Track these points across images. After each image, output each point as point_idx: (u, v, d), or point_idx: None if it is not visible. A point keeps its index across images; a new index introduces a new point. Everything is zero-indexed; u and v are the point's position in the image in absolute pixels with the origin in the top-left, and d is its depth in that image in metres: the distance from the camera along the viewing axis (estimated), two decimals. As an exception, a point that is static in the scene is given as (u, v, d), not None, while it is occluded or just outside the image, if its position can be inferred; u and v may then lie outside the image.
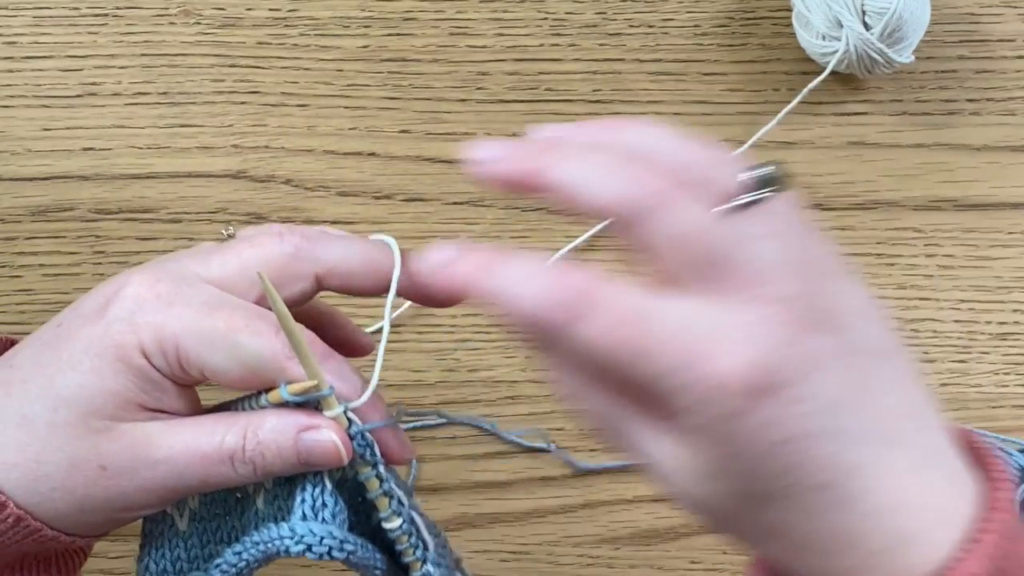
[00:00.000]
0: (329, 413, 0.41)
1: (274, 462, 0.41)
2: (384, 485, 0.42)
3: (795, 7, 0.68)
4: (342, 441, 0.41)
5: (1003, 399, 0.67)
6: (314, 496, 0.41)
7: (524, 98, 0.70)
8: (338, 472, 0.42)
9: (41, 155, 0.69)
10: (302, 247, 0.43)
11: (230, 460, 0.41)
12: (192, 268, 0.43)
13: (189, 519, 0.44)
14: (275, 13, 0.71)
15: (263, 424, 0.41)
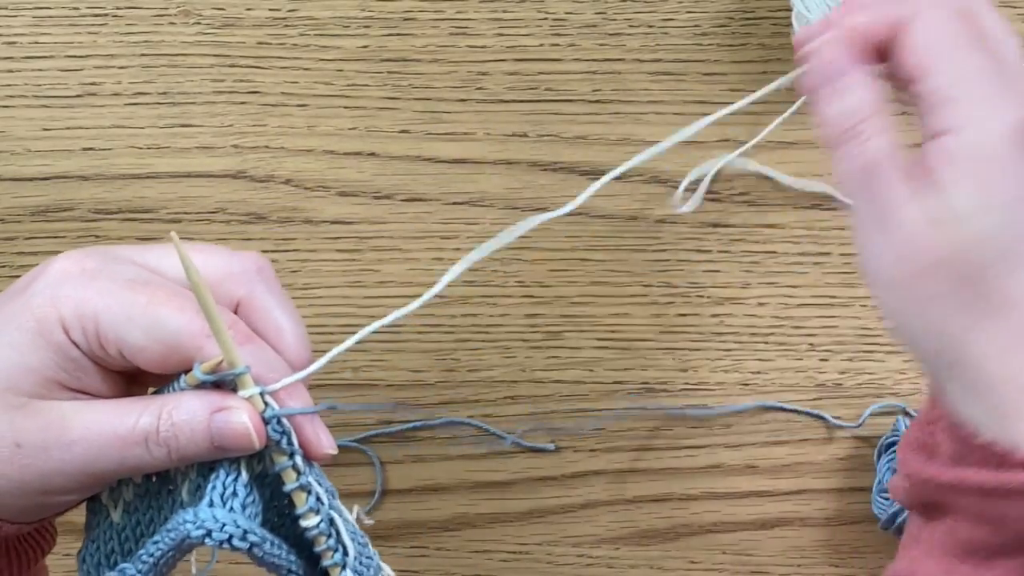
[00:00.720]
0: (243, 393, 0.40)
1: (188, 445, 0.40)
2: (301, 479, 0.40)
3: (795, 7, 0.68)
4: (254, 424, 0.40)
5: (1003, 399, 0.67)
6: (225, 484, 0.40)
7: (524, 98, 0.70)
8: (259, 465, 0.41)
9: (41, 155, 0.69)
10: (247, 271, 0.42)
11: (144, 441, 0.40)
12: (127, 252, 0.42)
13: (123, 511, 0.43)
14: (275, 13, 0.71)
15: (179, 406, 0.40)
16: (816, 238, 0.69)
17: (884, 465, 0.64)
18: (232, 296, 0.43)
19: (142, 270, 0.41)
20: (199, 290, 0.38)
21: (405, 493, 0.66)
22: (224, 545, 0.39)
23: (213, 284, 0.41)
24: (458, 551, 0.66)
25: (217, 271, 0.42)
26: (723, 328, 0.68)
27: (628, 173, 0.69)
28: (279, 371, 0.41)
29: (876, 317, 0.68)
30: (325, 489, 0.41)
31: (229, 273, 0.43)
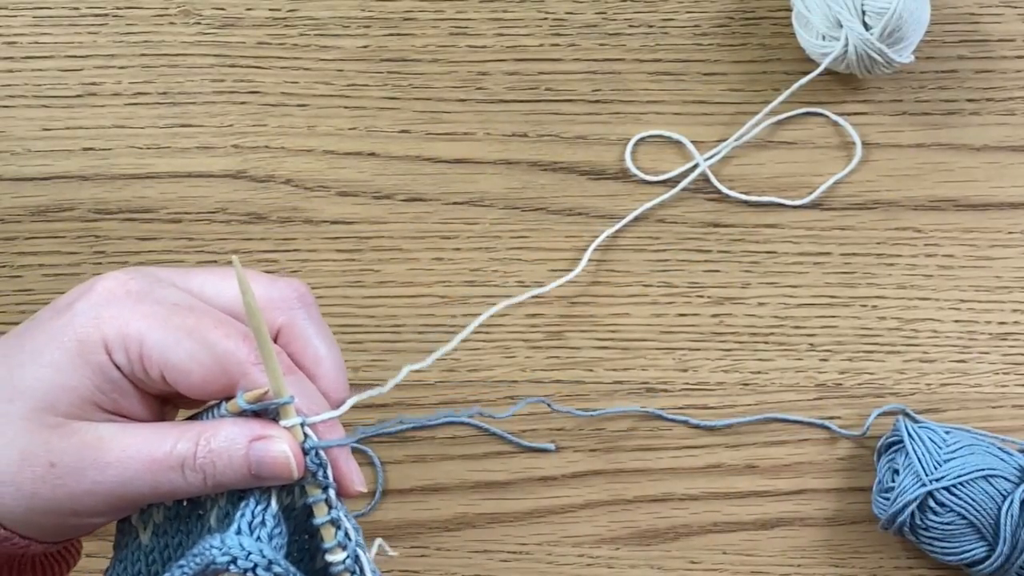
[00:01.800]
0: (285, 423, 0.40)
1: (225, 472, 0.40)
2: (332, 512, 0.41)
3: (795, 7, 0.68)
4: (294, 454, 0.40)
5: (1003, 399, 0.67)
6: (254, 512, 0.40)
7: (524, 98, 0.70)
8: (287, 498, 0.41)
9: (41, 155, 0.69)
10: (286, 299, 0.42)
11: (180, 467, 0.40)
12: (170, 275, 0.42)
13: (152, 533, 0.43)
14: (275, 13, 0.71)
15: (218, 432, 0.40)
16: (816, 238, 0.69)
17: (884, 465, 0.64)
18: (273, 323, 0.42)
19: (185, 295, 0.41)
20: (255, 317, 0.38)
21: (405, 493, 0.66)
22: (248, 573, 0.38)
23: None
24: (458, 551, 0.66)
25: (259, 297, 0.41)
26: (723, 328, 0.68)
27: (628, 173, 0.69)
28: (318, 403, 0.41)
29: (876, 317, 0.68)
30: (352, 525, 0.41)
31: (269, 299, 0.43)
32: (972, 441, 0.63)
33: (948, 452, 0.63)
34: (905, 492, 0.62)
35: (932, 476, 0.62)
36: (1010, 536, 0.61)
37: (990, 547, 0.62)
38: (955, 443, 0.63)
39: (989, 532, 0.62)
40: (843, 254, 0.69)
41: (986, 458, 0.62)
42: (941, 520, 0.62)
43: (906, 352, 0.68)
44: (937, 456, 0.62)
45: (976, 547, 0.62)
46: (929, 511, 0.62)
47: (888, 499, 0.63)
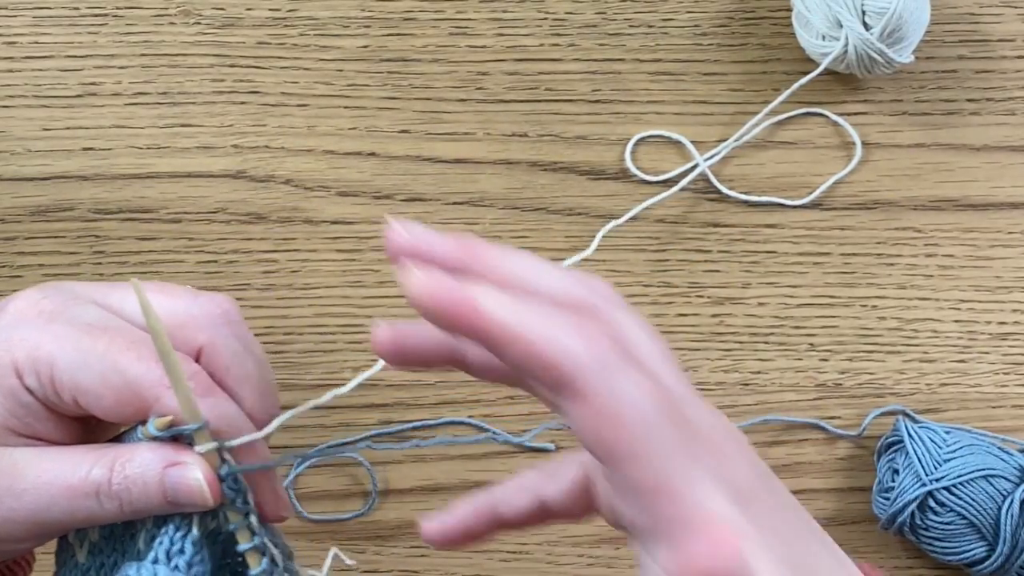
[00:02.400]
0: (199, 449, 0.38)
1: (140, 499, 0.38)
2: (255, 539, 0.39)
3: (795, 7, 0.68)
4: (208, 480, 0.38)
5: (1003, 399, 0.67)
6: (173, 540, 0.38)
7: (524, 98, 0.70)
8: (213, 522, 0.39)
9: (41, 155, 0.69)
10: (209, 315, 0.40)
11: (96, 494, 0.38)
12: (89, 291, 0.40)
13: (88, 552, 0.41)
14: (275, 13, 0.71)
15: (133, 458, 0.38)
16: (816, 238, 0.69)
17: (884, 465, 0.64)
18: (194, 342, 0.40)
19: (104, 312, 0.39)
20: (158, 338, 0.37)
21: (405, 493, 0.66)
22: None
23: (174, 328, 0.39)
24: (458, 551, 0.66)
25: (179, 315, 0.40)
26: (723, 328, 0.68)
27: (628, 173, 0.69)
28: (239, 426, 0.39)
29: (876, 317, 0.68)
30: (280, 551, 0.40)
31: (191, 317, 0.40)
32: (972, 441, 0.63)
33: (948, 452, 0.63)
34: (905, 492, 0.62)
35: (932, 476, 0.62)
36: (1010, 536, 0.61)
37: (990, 547, 0.62)
38: (955, 443, 0.63)
39: (989, 532, 0.62)
40: (843, 254, 0.69)
41: (986, 458, 0.62)
42: (941, 520, 0.62)
43: (906, 352, 0.68)
44: (937, 456, 0.62)
45: (976, 547, 0.62)
46: (929, 511, 0.62)
47: (888, 499, 0.63)
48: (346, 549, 0.66)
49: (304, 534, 0.66)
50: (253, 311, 0.67)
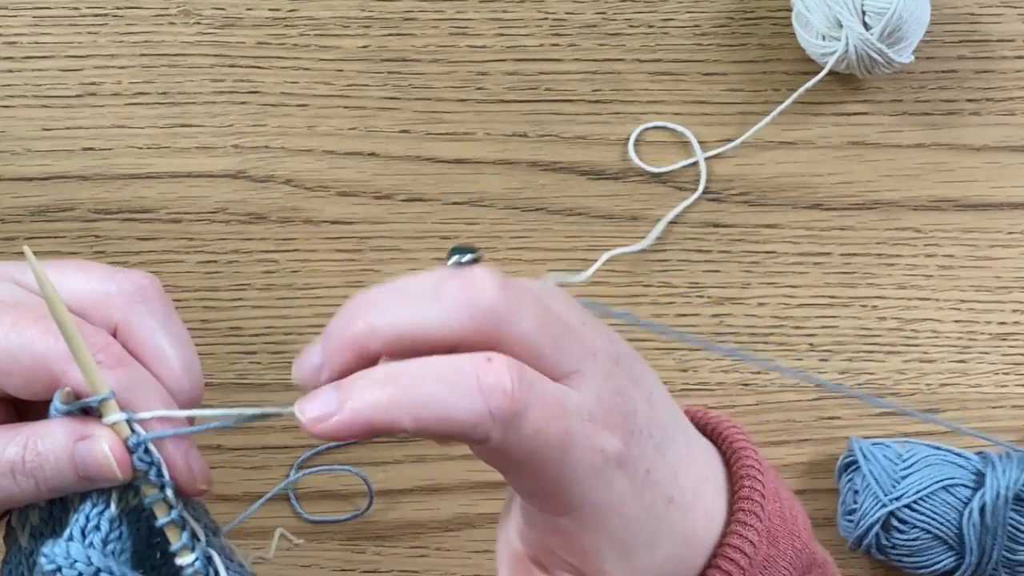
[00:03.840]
0: (106, 420, 0.37)
1: (54, 476, 0.37)
2: (173, 513, 0.38)
3: (795, 7, 0.68)
4: (116, 453, 0.37)
5: (1003, 399, 0.67)
6: (89, 517, 0.38)
7: (524, 98, 0.70)
8: (135, 498, 0.39)
9: (41, 155, 0.69)
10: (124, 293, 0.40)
11: (11, 473, 0.38)
12: (8, 270, 0.40)
13: (29, 535, 0.41)
14: (275, 13, 0.71)
15: (46, 434, 0.38)
16: (816, 238, 0.69)
17: (845, 486, 0.64)
18: (109, 320, 0.39)
19: (18, 289, 0.39)
20: (54, 305, 0.36)
21: (405, 493, 0.66)
22: None
23: (88, 306, 0.39)
24: (458, 551, 0.66)
25: (93, 292, 0.39)
26: (723, 328, 0.68)
27: (628, 173, 0.69)
28: (156, 396, 0.38)
29: (876, 317, 0.68)
30: (203, 525, 0.39)
31: (106, 295, 0.40)
32: (928, 452, 0.63)
33: (904, 468, 0.62)
34: (867, 514, 0.62)
35: (891, 495, 0.62)
36: (976, 545, 0.61)
37: (959, 556, 0.62)
38: (911, 457, 0.63)
39: (955, 542, 0.62)
40: (843, 254, 0.69)
41: (943, 468, 0.62)
42: (907, 537, 0.62)
43: (906, 352, 0.68)
44: (894, 473, 0.62)
45: (945, 559, 0.62)
46: (893, 529, 0.62)
47: (852, 521, 0.63)
48: (346, 549, 0.66)
49: (304, 534, 0.66)
50: (253, 311, 0.68)
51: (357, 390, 0.35)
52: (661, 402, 0.40)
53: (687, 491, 0.40)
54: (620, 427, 0.36)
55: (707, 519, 0.40)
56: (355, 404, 0.34)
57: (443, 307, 0.35)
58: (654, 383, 0.40)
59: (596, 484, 0.36)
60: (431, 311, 0.35)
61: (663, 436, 0.39)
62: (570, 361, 0.36)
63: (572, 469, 0.35)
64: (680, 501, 0.39)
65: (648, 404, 0.39)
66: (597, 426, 0.36)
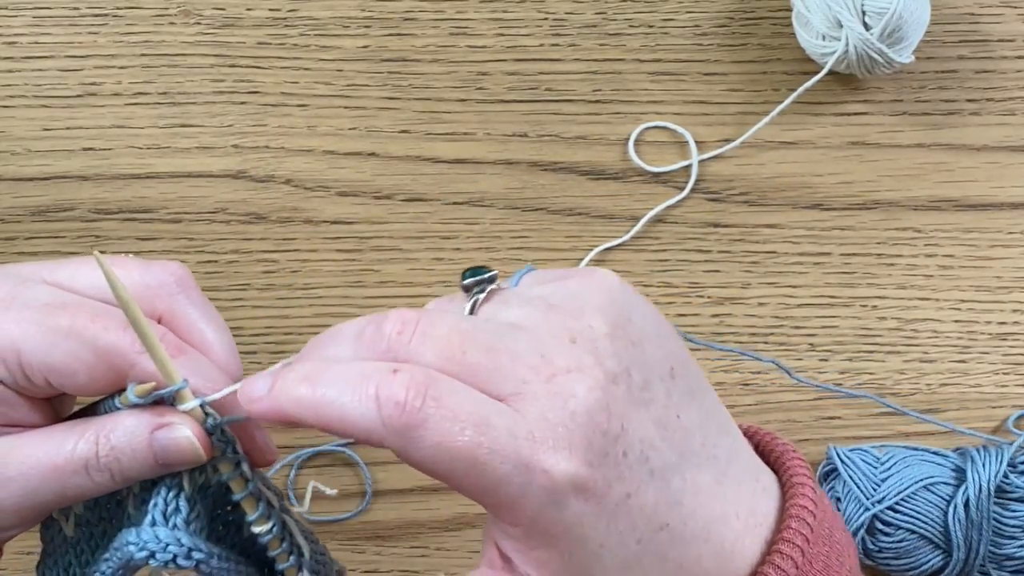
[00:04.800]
0: (183, 407, 0.38)
1: (131, 466, 0.38)
2: (250, 485, 0.39)
3: (795, 7, 0.68)
4: (198, 437, 0.38)
5: (1003, 399, 0.67)
6: (167, 500, 0.38)
7: (524, 98, 0.70)
8: (201, 476, 0.40)
9: (41, 155, 0.69)
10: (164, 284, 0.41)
11: (85, 469, 0.38)
12: (37, 271, 0.40)
13: (75, 524, 0.42)
14: (275, 13, 0.71)
15: (116, 427, 0.38)
16: (816, 238, 0.69)
17: (827, 495, 0.64)
18: (153, 311, 0.41)
19: (56, 290, 0.40)
20: (128, 305, 0.37)
21: (405, 493, 0.66)
22: (170, 565, 0.37)
23: None
24: (458, 551, 0.66)
25: (134, 286, 0.40)
26: (723, 328, 0.68)
27: (628, 172, 0.69)
28: (214, 379, 0.40)
29: (876, 317, 0.68)
30: (272, 492, 0.40)
31: (146, 287, 0.41)
32: (906, 453, 0.63)
33: (884, 470, 0.63)
34: (851, 519, 0.62)
35: (873, 498, 0.62)
36: (962, 541, 0.61)
37: (946, 553, 0.62)
38: (889, 459, 0.63)
39: (941, 540, 0.62)
40: (843, 254, 0.69)
41: (922, 467, 0.62)
42: (893, 539, 0.62)
43: (906, 352, 0.68)
44: (873, 477, 0.62)
45: (932, 558, 0.62)
46: (879, 533, 0.62)
47: None
48: (346, 549, 0.66)
49: (304, 534, 0.66)
50: (253, 311, 0.68)
51: (281, 382, 0.37)
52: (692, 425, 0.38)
53: (695, 521, 0.38)
54: (583, 448, 0.35)
55: (723, 554, 0.38)
56: (276, 395, 0.36)
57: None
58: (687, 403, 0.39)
59: (541, 504, 0.35)
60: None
61: (674, 461, 0.37)
62: (502, 384, 0.36)
63: (502, 485, 0.35)
64: (679, 530, 0.37)
65: (659, 426, 0.37)
66: (541, 446, 0.35)
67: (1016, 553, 0.62)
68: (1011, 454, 0.62)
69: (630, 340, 0.37)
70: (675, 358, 0.39)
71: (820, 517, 0.40)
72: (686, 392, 0.39)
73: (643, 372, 0.37)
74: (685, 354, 0.40)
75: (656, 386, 0.38)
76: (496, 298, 0.39)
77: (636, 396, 0.37)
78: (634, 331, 0.38)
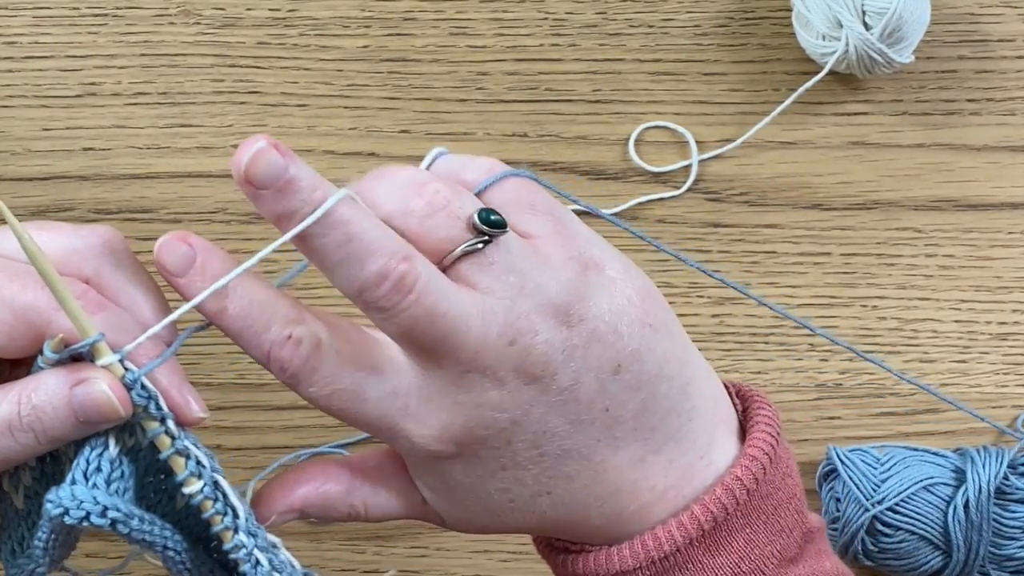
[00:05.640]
0: (100, 362, 0.37)
1: (54, 425, 0.38)
2: (177, 443, 0.38)
3: (795, 7, 0.68)
4: (115, 391, 0.37)
5: (1003, 399, 0.67)
6: (89, 460, 0.38)
7: (524, 98, 0.70)
8: (131, 439, 0.39)
9: (41, 155, 0.69)
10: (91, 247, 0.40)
11: (8, 430, 0.38)
12: None
13: (24, 496, 0.41)
14: (275, 13, 0.71)
15: (38, 387, 0.38)
16: (816, 238, 0.69)
17: (827, 495, 0.64)
18: (81, 273, 0.40)
19: None
20: (35, 257, 0.36)
21: (405, 493, 0.66)
22: (84, 523, 0.36)
23: (59, 262, 0.39)
24: (458, 551, 0.66)
25: (61, 249, 0.40)
26: (723, 328, 0.68)
27: (628, 172, 0.69)
28: (137, 335, 0.39)
29: (876, 317, 0.68)
30: (204, 453, 0.39)
31: (73, 250, 0.40)
32: (906, 454, 0.63)
33: (883, 471, 0.63)
34: (851, 520, 0.62)
35: (873, 499, 0.62)
36: (963, 542, 0.61)
37: (946, 554, 0.62)
38: (888, 460, 0.63)
39: (941, 541, 0.62)
40: (843, 254, 0.69)
41: (922, 468, 0.62)
42: (893, 540, 0.62)
43: (906, 352, 0.68)
44: (873, 477, 0.62)
45: (932, 558, 0.62)
46: (879, 533, 0.62)
47: (837, 529, 0.63)
48: (346, 549, 0.66)
49: (304, 534, 0.66)
50: (253, 311, 0.67)
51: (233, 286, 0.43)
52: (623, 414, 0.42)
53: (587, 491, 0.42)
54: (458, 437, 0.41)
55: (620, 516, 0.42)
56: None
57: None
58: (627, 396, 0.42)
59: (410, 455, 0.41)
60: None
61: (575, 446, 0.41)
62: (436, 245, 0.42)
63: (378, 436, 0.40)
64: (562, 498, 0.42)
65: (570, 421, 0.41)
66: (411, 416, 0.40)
67: (1016, 554, 0.62)
68: (1012, 455, 0.62)
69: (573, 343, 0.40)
70: (624, 353, 0.41)
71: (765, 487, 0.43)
72: (629, 386, 0.41)
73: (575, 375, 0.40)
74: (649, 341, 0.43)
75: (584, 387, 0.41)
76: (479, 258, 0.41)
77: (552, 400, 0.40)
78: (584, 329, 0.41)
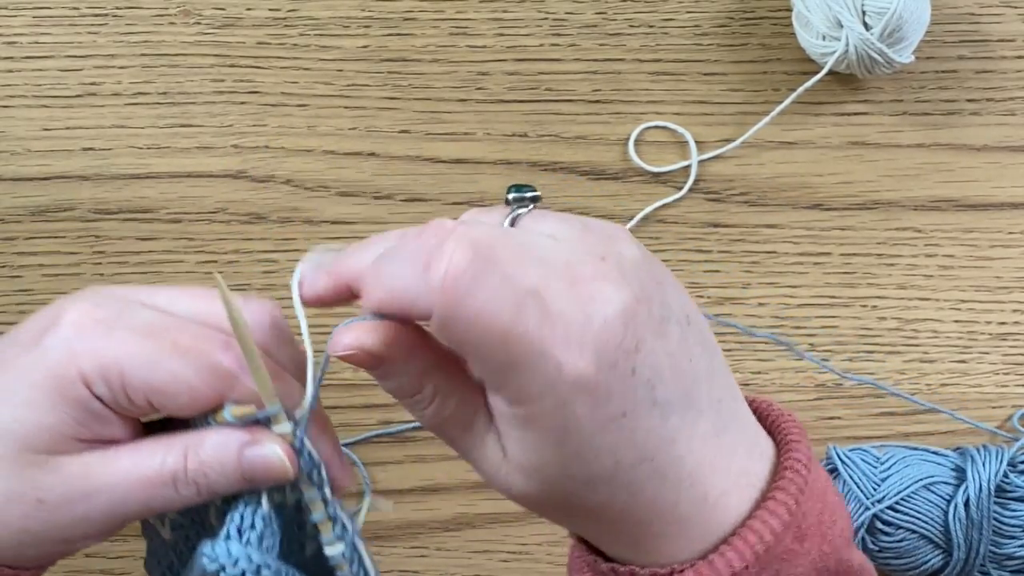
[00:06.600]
0: (277, 429, 0.40)
1: (218, 480, 0.40)
2: (329, 508, 0.41)
3: (795, 7, 0.68)
4: (287, 455, 0.39)
5: (1003, 399, 0.67)
6: (243, 516, 0.40)
7: (524, 98, 0.70)
8: (279, 496, 0.41)
9: (41, 155, 0.69)
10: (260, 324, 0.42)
11: (172, 482, 0.40)
12: (136, 294, 0.42)
13: (171, 528, 0.43)
14: (275, 13, 0.71)
15: (204, 442, 0.40)
16: (816, 238, 0.69)
17: None
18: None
19: (156, 313, 0.41)
20: (240, 328, 0.38)
21: (405, 493, 0.66)
22: None
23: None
24: (458, 551, 0.66)
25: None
26: (723, 328, 0.68)
27: (628, 172, 0.69)
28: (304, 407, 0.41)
29: (876, 317, 0.68)
30: (347, 517, 0.42)
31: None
32: (906, 453, 0.63)
33: (883, 470, 0.63)
34: (851, 519, 0.62)
35: (873, 498, 0.62)
36: (963, 540, 0.61)
37: (946, 553, 0.62)
38: (888, 459, 0.63)
39: (942, 539, 0.62)
40: (843, 254, 0.69)
41: (922, 467, 0.62)
42: (893, 539, 0.62)
43: (906, 352, 0.68)
44: (873, 476, 0.62)
45: (932, 557, 0.62)
46: (879, 532, 0.62)
47: None
48: (346, 549, 0.66)
49: (304, 534, 0.66)
50: (253, 311, 0.68)
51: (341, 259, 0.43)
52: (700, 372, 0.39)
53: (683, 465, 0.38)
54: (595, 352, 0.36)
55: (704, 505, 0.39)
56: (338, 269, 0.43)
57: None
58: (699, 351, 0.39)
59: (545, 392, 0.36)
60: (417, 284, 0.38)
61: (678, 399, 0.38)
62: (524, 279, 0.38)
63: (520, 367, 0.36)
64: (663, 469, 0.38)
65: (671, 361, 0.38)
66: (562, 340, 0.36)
67: (1016, 552, 0.62)
68: (1011, 454, 0.62)
69: (655, 277, 0.38)
70: (691, 308, 0.40)
71: (814, 476, 0.40)
72: (699, 342, 0.39)
73: (663, 309, 0.38)
74: (699, 313, 0.40)
75: (672, 326, 0.38)
76: (535, 214, 0.40)
77: (655, 325, 0.37)
78: (659, 272, 0.39)
